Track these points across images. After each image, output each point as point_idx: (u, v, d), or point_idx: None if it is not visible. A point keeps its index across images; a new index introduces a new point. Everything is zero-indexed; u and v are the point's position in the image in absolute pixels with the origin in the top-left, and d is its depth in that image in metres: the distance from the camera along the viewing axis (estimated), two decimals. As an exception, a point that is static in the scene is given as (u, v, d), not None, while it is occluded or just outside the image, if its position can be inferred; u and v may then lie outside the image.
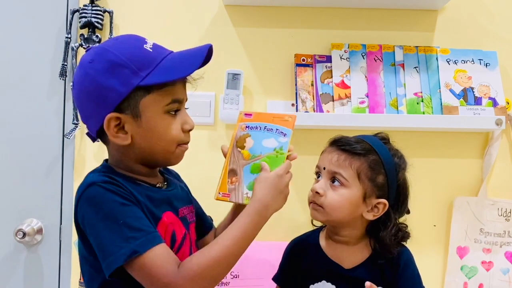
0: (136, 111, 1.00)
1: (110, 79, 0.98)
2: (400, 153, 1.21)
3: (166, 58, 1.02)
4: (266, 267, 1.57)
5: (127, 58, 0.99)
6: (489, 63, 1.65)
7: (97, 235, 0.95)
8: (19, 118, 1.65)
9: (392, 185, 1.17)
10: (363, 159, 1.16)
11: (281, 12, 1.68)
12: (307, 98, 1.60)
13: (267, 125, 1.11)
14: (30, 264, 1.63)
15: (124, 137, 1.01)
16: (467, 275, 1.61)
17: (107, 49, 1.00)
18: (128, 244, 0.92)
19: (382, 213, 1.17)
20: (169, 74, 0.99)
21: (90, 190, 0.97)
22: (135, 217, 0.95)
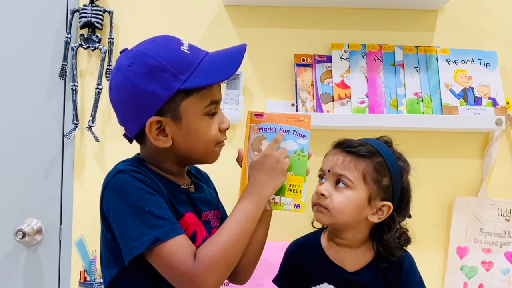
0: (176, 114, 1.00)
1: (151, 83, 0.98)
2: (403, 157, 1.21)
3: (204, 60, 1.02)
4: (266, 267, 1.57)
5: (167, 61, 0.99)
6: (489, 63, 1.65)
7: (121, 221, 0.96)
8: (19, 118, 1.64)
9: (396, 187, 1.17)
10: (369, 161, 1.15)
11: (281, 12, 1.68)
12: (307, 98, 1.60)
13: (283, 126, 1.08)
14: (30, 264, 1.63)
15: (165, 140, 1.02)
16: (467, 275, 1.61)
17: (145, 52, 1.00)
18: (151, 232, 0.93)
19: (387, 216, 1.16)
20: (210, 77, 1.00)
21: (118, 177, 0.99)
22: (160, 207, 0.96)
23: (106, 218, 1.01)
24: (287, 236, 1.63)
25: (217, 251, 0.95)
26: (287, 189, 1.07)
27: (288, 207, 1.07)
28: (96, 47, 1.62)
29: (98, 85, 1.61)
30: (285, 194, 1.07)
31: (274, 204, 1.06)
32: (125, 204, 0.96)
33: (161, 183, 1.02)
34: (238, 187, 1.11)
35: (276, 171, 1.05)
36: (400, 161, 1.19)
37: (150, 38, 1.07)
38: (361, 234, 1.19)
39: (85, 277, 1.50)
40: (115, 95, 1.04)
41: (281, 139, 1.07)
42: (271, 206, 1.08)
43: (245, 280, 1.18)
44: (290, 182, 1.08)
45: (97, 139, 1.60)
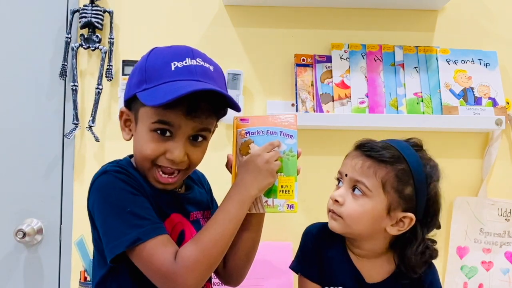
0: (136, 116, 1.03)
1: (132, 78, 1.03)
2: (433, 162, 1.10)
3: (173, 82, 0.97)
4: (266, 267, 1.57)
5: (148, 67, 1.00)
6: (489, 63, 1.65)
7: (104, 221, 0.98)
8: (19, 118, 1.64)
9: (421, 198, 1.06)
10: (390, 168, 1.05)
11: (281, 12, 1.68)
12: (307, 98, 1.60)
13: (269, 128, 1.07)
14: (30, 264, 1.63)
15: (127, 132, 1.06)
16: (467, 275, 1.61)
17: (155, 51, 1.03)
18: (132, 231, 0.94)
19: (408, 228, 1.06)
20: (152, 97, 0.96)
21: (101, 178, 1.00)
22: (142, 207, 0.97)
23: (91, 218, 1.03)
24: (287, 236, 1.63)
25: (197, 251, 0.95)
26: (279, 190, 1.06)
27: (281, 209, 1.05)
28: (96, 47, 1.62)
29: (98, 85, 1.61)
30: (277, 195, 1.05)
31: (267, 206, 1.04)
32: (108, 204, 0.97)
33: (146, 185, 1.02)
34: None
35: (264, 172, 1.03)
36: (429, 167, 1.08)
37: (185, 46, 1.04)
38: (379, 246, 1.11)
39: (85, 277, 1.50)
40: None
41: (278, 144, 1.06)
42: (264, 209, 1.06)
43: (239, 282, 1.17)
44: (282, 183, 1.06)
45: (97, 139, 1.61)
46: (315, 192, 1.64)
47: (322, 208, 1.64)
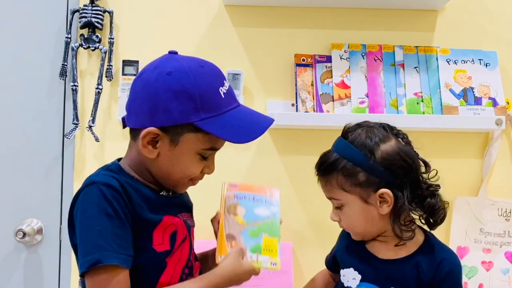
0: (176, 139, 1.02)
1: (174, 102, 0.99)
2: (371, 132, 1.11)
3: (231, 112, 1.04)
4: (266, 267, 1.57)
5: (199, 93, 1.00)
6: (489, 63, 1.65)
7: (79, 234, 0.98)
8: (19, 118, 1.64)
9: (375, 171, 1.08)
10: (335, 173, 1.10)
11: (281, 12, 1.68)
12: (307, 98, 1.60)
13: (255, 195, 1.18)
14: (30, 264, 1.63)
15: (152, 151, 1.03)
16: (467, 275, 1.61)
17: (188, 74, 1.01)
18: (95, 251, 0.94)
19: (393, 200, 1.08)
20: (225, 131, 1.02)
21: (89, 188, 0.99)
22: (112, 231, 0.96)
23: (72, 226, 1.02)
24: (287, 236, 1.63)
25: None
26: (263, 248, 1.11)
27: (265, 265, 1.10)
28: (96, 47, 1.62)
29: (98, 85, 1.61)
30: (262, 252, 1.11)
31: (252, 261, 1.09)
32: (84, 218, 0.97)
33: (136, 191, 1.02)
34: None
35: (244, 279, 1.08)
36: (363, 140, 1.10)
37: (200, 60, 1.07)
38: (387, 228, 1.12)
39: (85, 277, 1.50)
40: (138, 84, 1.04)
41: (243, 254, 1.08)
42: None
43: None
44: (266, 243, 1.12)
45: (97, 139, 1.61)
46: (315, 192, 1.64)
47: (322, 208, 1.65)
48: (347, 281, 1.16)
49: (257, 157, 1.65)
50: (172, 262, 1.04)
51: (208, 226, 1.18)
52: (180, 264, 1.07)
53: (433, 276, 1.08)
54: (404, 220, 1.10)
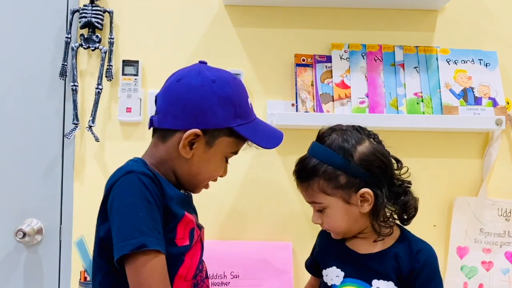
0: (212, 141, 1.11)
1: (219, 107, 1.09)
2: (346, 135, 1.16)
3: (255, 121, 1.17)
4: (266, 267, 1.57)
5: (238, 102, 1.11)
6: (489, 63, 1.65)
7: (118, 220, 1.00)
8: (19, 118, 1.64)
9: (354, 172, 1.13)
10: (316, 178, 1.15)
11: (281, 12, 1.68)
12: (307, 98, 1.60)
13: None
14: (30, 264, 1.63)
15: (188, 152, 1.10)
16: (467, 275, 1.61)
17: (228, 82, 1.11)
18: (140, 236, 0.97)
19: (373, 199, 1.13)
20: (254, 137, 1.13)
21: (128, 176, 1.02)
22: (152, 218, 1.00)
23: (105, 213, 1.04)
24: (287, 236, 1.63)
25: None
26: None
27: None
28: (96, 47, 1.62)
29: (98, 85, 1.61)
30: None
31: None
32: (125, 205, 1.00)
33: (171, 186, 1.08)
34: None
35: None
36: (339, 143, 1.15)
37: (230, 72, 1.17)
38: (368, 225, 1.18)
39: (85, 277, 1.50)
40: (181, 89, 1.10)
41: None
42: None
43: None
44: None
45: (97, 139, 1.61)
46: (315, 192, 1.64)
47: (322, 208, 1.65)
48: (331, 280, 1.20)
49: (257, 157, 1.65)
50: (189, 258, 1.07)
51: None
52: (195, 261, 1.09)
53: (412, 265, 1.14)
54: (383, 216, 1.15)
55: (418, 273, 1.13)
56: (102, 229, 1.04)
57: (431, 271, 1.15)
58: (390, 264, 1.14)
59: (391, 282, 1.13)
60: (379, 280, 1.14)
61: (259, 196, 1.64)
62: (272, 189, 1.64)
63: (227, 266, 1.54)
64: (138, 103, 1.61)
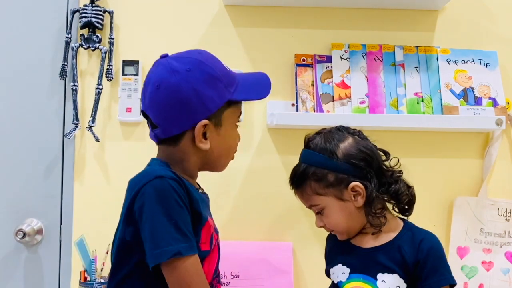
0: (218, 120, 1.10)
1: (209, 89, 1.07)
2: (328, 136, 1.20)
3: (239, 80, 1.14)
4: (266, 267, 1.57)
5: (220, 73, 1.10)
6: (489, 63, 1.65)
7: (152, 226, 0.99)
8: (19, 118, 1.64)
9: (339, 169, 1.16)
10: (307, 182, 1.19)
11: (281, 12, 1.68)
12: (307, 98, 1.60)
13: None
14: (30, 264, 1.63)
15: (206, 143, 1.09)
16: (467, 275, 1.61)
17: (202, 61, 1.09)
18: (175, 243, 0.98)
19: (364, 191, 1.16)
20: (252, 94, 1.15)
21: (158, 181, 1.01)
22: (185, 222, 1.01)
23: (131, 217, 1.03)
24: (287, 236, 1.63)
25: None
26: None
27: None
28: (96, 47, 1.62)
29: (98, 85, 1.61)
30: None
31: None
32: (158, 211, 0.99)
33: (195, 190, 1.08)
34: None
35: None
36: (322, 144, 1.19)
37: (195, 50, 1.15)
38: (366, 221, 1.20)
39: (86, 277, 1.50)
40: (166, 95, 1.06)
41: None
42: None
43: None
44: None
45: (97, 139, 1.61)
46: (315, 192, 1.64)
47: (322, 208, 1.64)
48: (337, 277, 1.21)
49: (257, 157, 1.65)
50: (207, 263, 1.07)
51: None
52: (212, 266, 1.10)
53: (416, 255, 1.15)
54: (375, 208, 1.17)
55: (423, 264, 1.14)
56: (128, 233, 1.03)
57: (435, 259, 1.15)
58: (394, 256, 1.15)
59: (396, 274, 1.14)
60: (383, 274, 1.15)
61: (259, 196, 1.64)
62: (272, 189, 1.64)
63: (227, 266, 1.54)
64: (138, 103, 1.61)
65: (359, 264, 1.18)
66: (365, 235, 1.21)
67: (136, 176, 1.07)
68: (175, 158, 1.11)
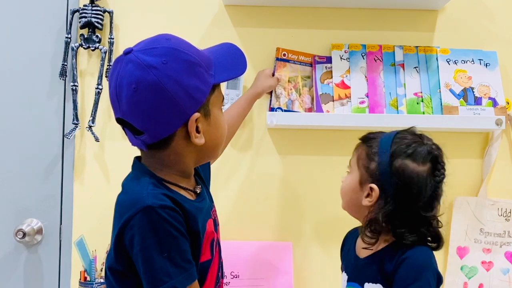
0: (207, 110, 1.01)
1: (193, 78, 0.97)
2: (414, 144, 1.16)
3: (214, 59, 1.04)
4: (266, 267, 1.57)
5: (197, 57, 1.00)
6: (489, 63, 1.65)
7: (145, 262, 0.94)
8: (19, 118, 1.64)
9: (383, 171, 1.13)
10: (364, 146, 1.19)
11: (281, 12, 1.67)
12: (282, 94, 1.57)
13: None
14: (30, 264, 1.63)
15: (201, 137, 1.01)
16: (467, 275, 1.61)
17: (176, 48, 0.99)
18: (169, 279, 0.93)
19: (375, 200, 1.13)
20: (232, 71, 1.06)
21: (145, 214, 0.94)
22: (180, 251, 0.95)
23: (122, 248, 0.98)
24: (287, 236, 1.63)
25: None
26: None
27: None
28: (96, 47, 1.62)
29: (98, 85, 1.61)
30: None
31: None
32: (150, 246, 0.93)
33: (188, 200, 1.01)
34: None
35: None
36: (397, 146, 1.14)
37: (159, 36, 1.05)
38: None
39: (85, 277, 1.50)
40: (147, 96, 0.95)
41: None
42: None
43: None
44: None
45: (97, 139, 1.61)
46: (315, 192, 1.64)
47: (322, 208, 1.65)
48: (343, 283, 1.24)
49: (257, 157, 1.65)
50: (211, 270, 1.05)
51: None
52: (214, 271, 1.08)
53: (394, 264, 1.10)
54: (371, 227, 1.14)
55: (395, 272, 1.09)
56: (120, 263, 0.99)
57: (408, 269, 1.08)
58: (378, 266, 1.14)
59: (379, 284, 1.13)
60: (369, 283, 1.15)
61: (259, 196, 1.64)
62: (272, 189, 1.64)
63: (227, 266, 1.53)
64: (138, 103, 1.61)
65: (353, 273, 1.20)
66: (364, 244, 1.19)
67: (125, 198, 1.00)
68: (168, 162, 1.02)
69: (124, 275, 0.99)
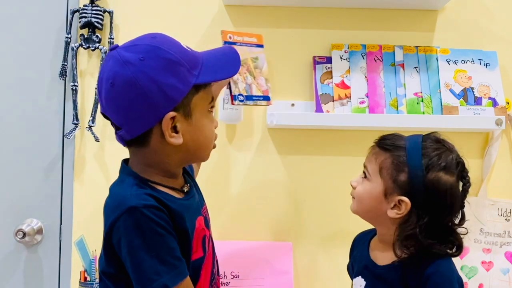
0: (187, 110, 1.00)
1: (170, 77, 0.97)
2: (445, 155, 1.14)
3: (203, 59, 1.04)
4: (266, 267, 1.57)
5: (181, 57, 0.99)
6: (489, 63, 1.65)
7: (133, 263, 0.95)
8: (19, 118, 1.65)
9: (416, 184, 1.11)
10: (388, 155, 1.15)
11: (281, 12, 1.67)
12: (239, 79, 1.46)
13: None
14: (30, 264, 1.63)
15: (178, 137, 1.00)
16: (467, 275, 1.61)
17: (157, 46, 0.99)
18: (159, 277, 0.93)
19: (406, 212, 1.11)
20: (219, 73, 1.04)
21: (130, 215, 0.94)
22: (168, 248, 0.95)
23: (111, 250, 0.98)
24: (287, 236, 1.63)
25: None
26: None
27: None
28: (96, 47, 1.62)
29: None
30: None
31: None
32: (137, 246, 0.94)
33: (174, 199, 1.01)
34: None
35: None
36: (428, 158, 1.12)
37: (147, 34, 1.06)
38: (389, 230, 1.15)
39: (85, 277, 1.50)
40: (122, 91, 0.97)
41: None
42: None
43: None
44: None
45: (97, 139, 1.61)
46: (315, 192, 1.64)
47: (322, 208, 1.65)
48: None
49: (257, 157, 1.65)
50: (204, 267, 1.05)
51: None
52: (208, 268, 1.07)
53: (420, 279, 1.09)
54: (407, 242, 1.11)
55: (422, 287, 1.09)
56: (111, 266, 1.00)
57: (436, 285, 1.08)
58: (397, 277, 1.12)
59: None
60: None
61: (259, 196, 1.64)
62: (272, 189, 1.64)
63: (227, 266, 1.54)
64: (138, 103, 1.61)
65: (373, 280, 1.18)
66: (382, 252, 1.18)
67: (110, 201, 1.00)
68: (150, 161, 1.02)
69: (117, 277, 0.99)
